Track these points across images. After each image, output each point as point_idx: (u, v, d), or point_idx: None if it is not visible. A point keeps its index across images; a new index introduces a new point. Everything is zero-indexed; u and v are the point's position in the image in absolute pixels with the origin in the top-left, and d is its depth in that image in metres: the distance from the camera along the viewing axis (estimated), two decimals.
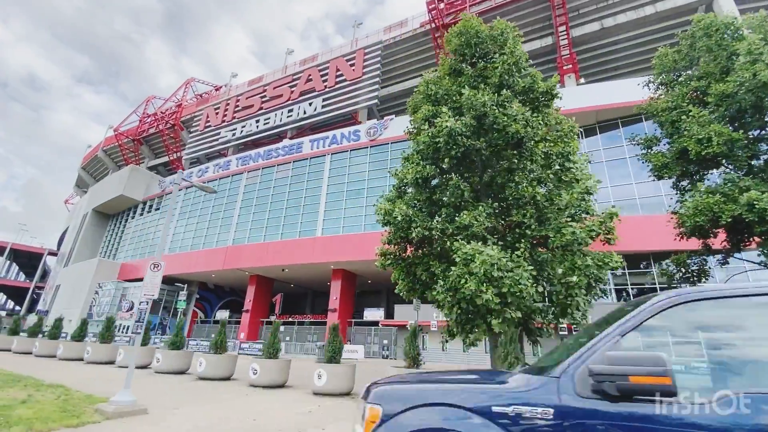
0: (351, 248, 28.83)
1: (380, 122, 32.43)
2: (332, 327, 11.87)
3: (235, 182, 38.70)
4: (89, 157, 68.97)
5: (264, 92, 44.36)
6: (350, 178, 32.08)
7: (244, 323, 35.11)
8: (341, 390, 10.40)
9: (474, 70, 12.06)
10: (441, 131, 10.18)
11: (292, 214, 33.49)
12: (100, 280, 41.97)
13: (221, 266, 34.27)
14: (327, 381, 10.25)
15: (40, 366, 14.24)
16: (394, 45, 38.57)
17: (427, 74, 12.96)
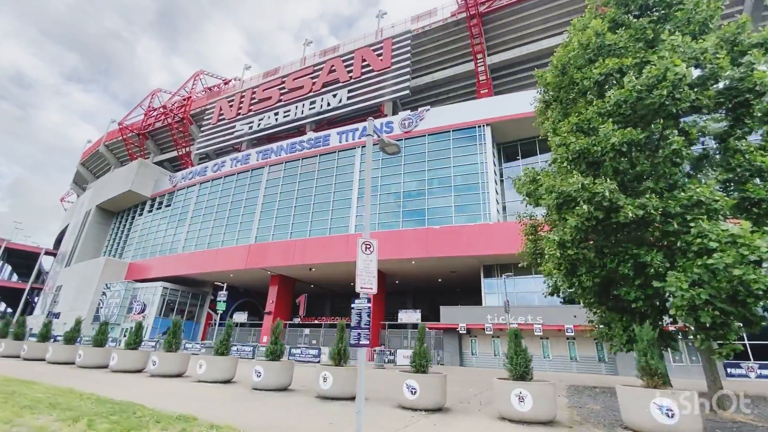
0: (390, 246, 27.03)
1: (415, 113, 30.76)
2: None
3: (256, 177, 36.67)
4: (89, 153, 66.24)
5: (282, 84, 42.43)
6: (383, 171, 30.33)
7: (266, 327, 33.06)
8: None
9: (641, 22, 9.90)
10: (666, 78, 7.78)
11: (321, 210, 31.61)
12: (107, 280, 39.56)
13: (243, 265, 32.21)
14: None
15: (92, 378, 12.14)
16: (422, 35, 36.98)
17: (576, 26, 11.10)
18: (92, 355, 16.18)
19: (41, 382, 10.01)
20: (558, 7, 33.09)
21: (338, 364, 10.39)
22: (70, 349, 17.43)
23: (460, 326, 22.98)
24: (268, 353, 11.56)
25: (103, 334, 16.88)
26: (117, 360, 15.19)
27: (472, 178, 27.52)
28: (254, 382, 10.83)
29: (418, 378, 8.58)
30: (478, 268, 28.23)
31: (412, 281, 35.11)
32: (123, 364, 15.07)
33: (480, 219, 26.07)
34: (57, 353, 17.14)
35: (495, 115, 28.18)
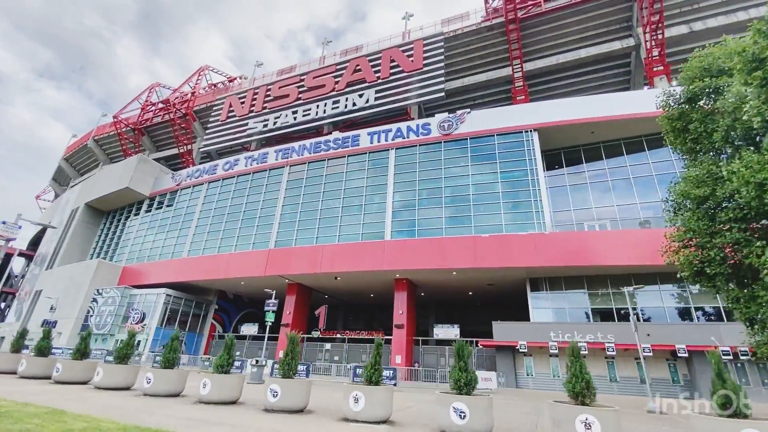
0: (431, 255, 24.99)
1: (455, 116, 29.18)
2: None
3: (275, 177, 34.06)
4: (75, 148, 61.73)
5: (301, 82, 40.30)
6: (422, 175, 28.43)
7: (283, 340, 30.07)
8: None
9: None
10: None
11: (351, 215, 29.30)
12: (98, 285, 35.63)
13: (262, 272, 29.36)
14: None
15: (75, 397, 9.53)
16: (453, 38, 35.85)
17: None
18: (72, 370, 13.79)
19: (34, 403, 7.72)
20: (595, 18, 32.65)
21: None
22: (45, 363, 14.59)
23: (519, 344, 20.98)
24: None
25: (86, 346, 14.35)
26: (102, 375, 12.85)
27: (521, 184, 25.98)
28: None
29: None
30: (521, 280, 26.48)
31: (439, 294, 33.02)
32: (109, 380, 12.77)
33: (531, 228, 24.42)
34: (31, 367, 14.26)
35: (543, 121, 26.91)
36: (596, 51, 32.60)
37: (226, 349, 11.02)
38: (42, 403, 8.36)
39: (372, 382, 9.39)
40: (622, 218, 25.37)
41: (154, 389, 11.72)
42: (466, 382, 8.27)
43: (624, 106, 26.13)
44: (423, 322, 35.78)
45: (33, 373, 13.71)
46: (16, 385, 11.72)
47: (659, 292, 22.70)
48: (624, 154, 27.14)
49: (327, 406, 11.46)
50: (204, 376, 11.37)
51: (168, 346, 13.14)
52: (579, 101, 27.39)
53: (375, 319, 41.76)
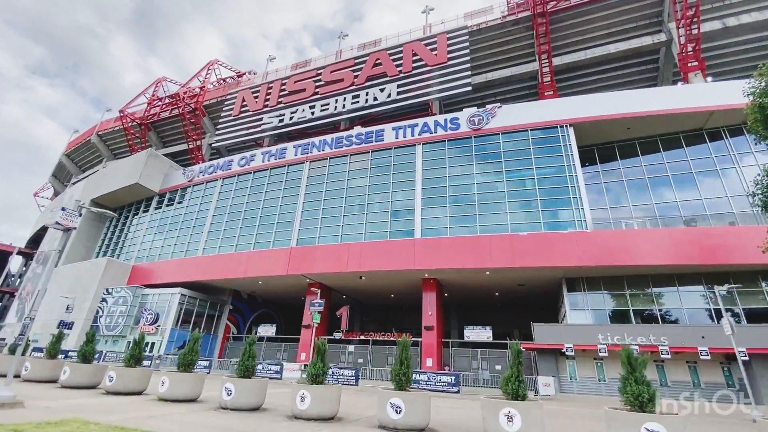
0: (465, 254, 24.02)
1: (485, 110, 28.25)
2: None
3: (294, 173, 32.91)
4: (77, 143, 60.05)
5: (318, 76, 39.19)
6: (451, 171, 27.46)
7: (305, 342, 28.92)
8: None
9: None
10: None
11: (378, 211, 28.25)
12: (107, 284, 34.23)
13: (284, 271, 28.20)
14: None
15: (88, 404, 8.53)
16: (477, 32, 34.95)
17: None
18: (79, 373, 12.92)
19: None
20: (625, 12, 31.93)
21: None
22: (91, 370, 13.58)
23: (566, 347, 20.04)
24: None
25: (139, 351, 13.36)
26: (115, 380, 12.07)
27: (556, 181, 25.09)
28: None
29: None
30: (555, 281, 25.64)
31: (463, 295, 32.01)
32: (120, 384, 12.01)
33: (569, 226, 23.51)
34: (76, 375, 13.13)
35: (578, 116, 26.06)
36: (626, 46, 31.86)
37: (318, 355, 10.06)
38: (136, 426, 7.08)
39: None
40: (661, 216, 24.56)
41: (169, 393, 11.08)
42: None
43: (661, 101, 25.38)
44: (444, 323, 34.78)
45: (78, 382, 12.42)
46: (71, 397, 10.40)
47: (705, 294, 21.91)
48: (661, 150, 26.36)
49: (357, 412, 10.89)
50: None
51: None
52: (615, 96, 26.57)
53: (389, 320, 40.75)
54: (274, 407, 11.09)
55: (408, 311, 38.38)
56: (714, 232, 21.45)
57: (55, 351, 15.48)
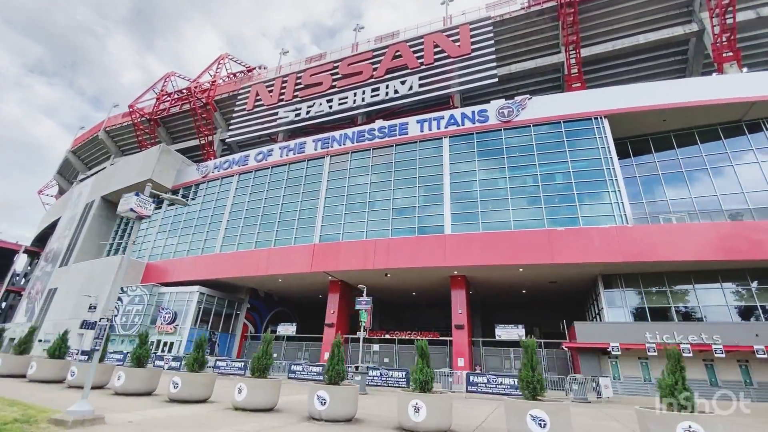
0: (500, 251, 23.19)
1: (515, 102, 27.38)
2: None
3: (314, 168, 32.02)
4: (83, 140, 59.09)
5: (335, 69, 38.27)
6: (481, 164, 26.61)
7: (328, 341, 28.11)
8: None
9: None
10: None
11: (404, 207, 27.39)
12: (122, 283, 33.30)
13: (307, 268, 27.37)
14: None
15: None
16: (500, 23, 34.06)
17: None
18: (135, 379, 12.15)
19: None
20: (655, 2, 31.03)
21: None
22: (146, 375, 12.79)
23: (612, 346, 19.23)
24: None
25: (145, 350, 12.81)
26: (181, 386, 11.28)
27: (593, 174, 24.26)
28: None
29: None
30: (589, 278, 24.85)
31: (489, 293, 31.19)
32: (186, 392, 11.26)
33: (608, 221, 22.69)
34: (132, 381, 12.30)
35: (613, 107, 25.21)
36: (656, 37, 31.00)
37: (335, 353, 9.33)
38: None
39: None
40: (701, 210, 23.75)
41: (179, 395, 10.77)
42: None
43: (699, 92, 24.55)
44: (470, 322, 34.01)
45: (135, 389, 11.58)
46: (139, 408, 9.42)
47: (752, 290, 21.14)
48: (698, 143, 25.55)
49: (380, 413, 10.47)
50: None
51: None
52: (650, 87, 25.72)
53: (405, 318, 39.99)
54: (292, 408, 10.43)
55: (426, 310, 37.61)
56: (762, 227, 20.63)
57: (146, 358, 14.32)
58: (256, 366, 10.65)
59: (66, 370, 14.20)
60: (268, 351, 10.64)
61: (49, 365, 12.83)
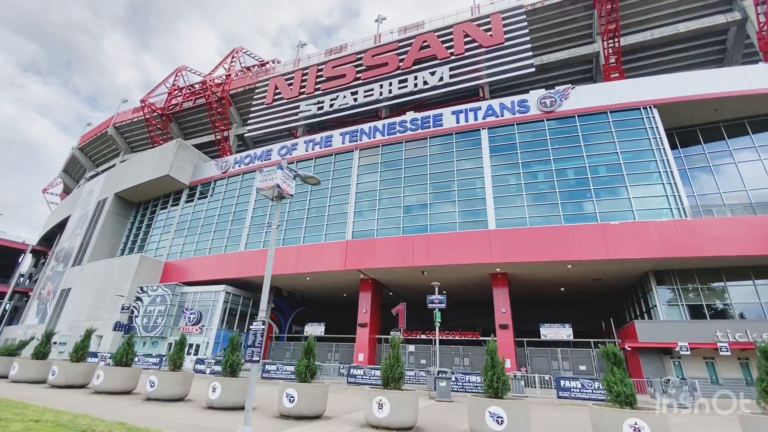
0: (549, 246, 22.10)
1: (558, 92, 26.29)
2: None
3: (342, 162, 30.84)
4: (91, 136, 57.63)
5: (358, 60, 37.06)
6: (524, 157, 25.49)
7: (361, 341, 27.02)
8: None
9: None
10: None
11: (442, 201, 26.26)
12: (141, 282, 32.09)
13: (341, 266, 26.22)
14: None
15: None
16: (531, 13, 32.95)
17: None
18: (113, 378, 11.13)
19: None
20: None
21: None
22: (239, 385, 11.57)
23: (680, 345, 18.18)
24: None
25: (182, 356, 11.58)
26: (220, 392, 10.32)
27: (644, 166, 23.20)
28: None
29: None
30: (635, 274, 23.82)
31: (525, 290, 30.13)
32: (162, 390, 10.80)
33: (662, 214, 21.65)
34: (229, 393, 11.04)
35: (663, 96, 24.15)
36: (697, 25, 29.97)
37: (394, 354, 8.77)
38: None
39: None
40: (758, 203, 22.72)
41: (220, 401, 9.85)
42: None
43: (753, 80, 23.51)
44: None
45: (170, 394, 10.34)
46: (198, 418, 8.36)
47: None
48: (750, 133, 24.53)
49: (447, 422, 9.57)
50: None
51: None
52: (702, 75, 24.67)
53: (427, 318, 38.82)
54: (428, 426, 9.25)
55: (454, 308, 36.39)
56: None
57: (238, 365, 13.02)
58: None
59: (90, 375, 12.76)
60: (398, 356, 9.40)
61: (72, 369, 11.63)
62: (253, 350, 5.52)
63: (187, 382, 11.45)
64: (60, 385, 10.98)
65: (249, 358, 5.53)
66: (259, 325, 6.16)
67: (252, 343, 6.06)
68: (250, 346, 5.62)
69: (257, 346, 6.06)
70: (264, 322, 5.93)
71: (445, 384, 12.71)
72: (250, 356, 5.61)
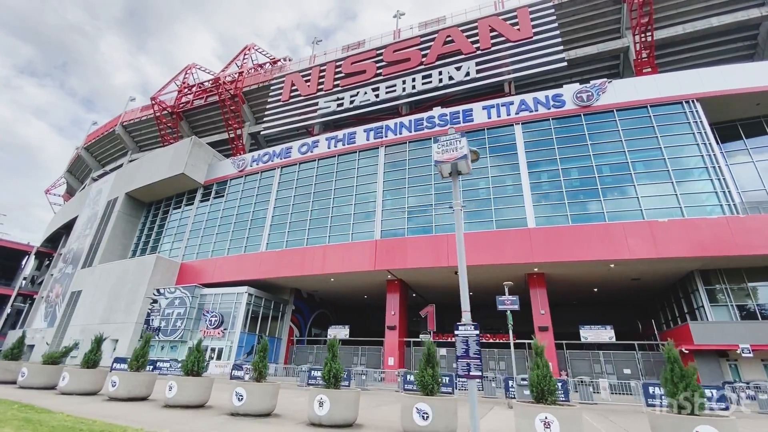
0: (592, 244, 21.25)
1: (594, 86, 25.49)
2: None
3: (367, 159, 29.89)
4: (97, 135, 56.39)
5: (378, 56, 36.20)
6: (561, 152, 24.65)
7: (391, 345, 26.04)
8: None
9: None
10: None
11: (476, 199, 25.34)
12: (156, 284, 30.95)
13: (371, 266, 25.26)
14: None
15: None
16: (558, 7, 32.20)
17: None
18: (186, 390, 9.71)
19: None
20: None
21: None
22: None
23: (741, 347, 17.32)
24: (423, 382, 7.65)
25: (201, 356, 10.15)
26: (176, 390, 9.58)
27: (689, 161, 22.42)
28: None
29: None
30: (676, 273, 22.97)
31: (557, 290, 29.24)
32: (181, 396, 9.56)
33: (712, 211, 20.84)
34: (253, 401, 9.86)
35: (705, 90, 23.40)
36: (730, 19, 29.30)
37: None
38: None
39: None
40: None
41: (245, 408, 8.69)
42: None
43: None
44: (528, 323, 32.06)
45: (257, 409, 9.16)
46: None
47: None
48: None
49: None
50: None
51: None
52: (745, 68, 23.96)
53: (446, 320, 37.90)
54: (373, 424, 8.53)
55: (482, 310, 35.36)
56: None
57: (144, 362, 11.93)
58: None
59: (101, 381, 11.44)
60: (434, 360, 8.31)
61: (134, 379, 10.52)
62: (469, 362, 4.37)
63: (275, 395, 9.69)
64: (122, 397, 9.78)
65: (464, 371, 4.26)
66: (470, 330, 5.12)
67: (465, 352, 5.02)
68: (463, 357, 4.53)
69: (474, 357, 5.01)
70: (472, 325, 4.75)
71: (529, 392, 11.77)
72: (466, 369, 4.35)
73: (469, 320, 5.59)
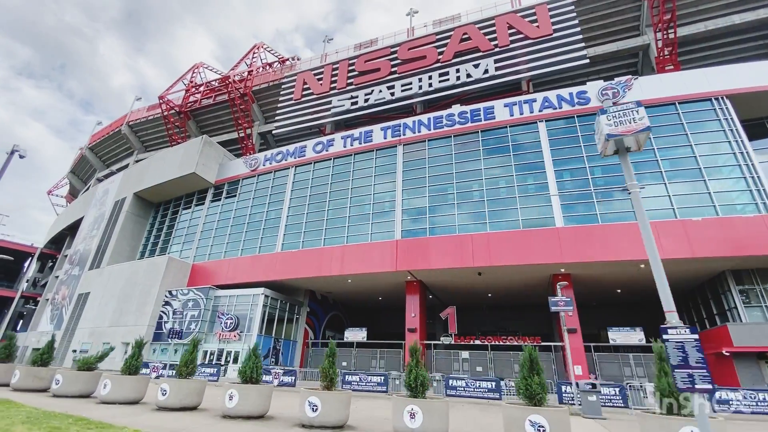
0: (622, 244, 20.69)
1: (620, 83, 25.02)
2: None
3: (384, 158, 29.31)
4: (102, 135, 55.71)
5: (392, 54, 35.68)
6: (588, 150, 24.13)
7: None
8: None
9: None
10: None
11: (499, 198, 24.79)
12: (168, 286, 30.25)
13: (391, 267, 24.64)
14: None
15: None
16: (577, 3, 31.78)
17: None
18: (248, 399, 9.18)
19: None
20: None
21: None
22: None
23: None
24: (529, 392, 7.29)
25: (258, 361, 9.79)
26: (237, 400, 9.14)
27: (720, 159, 21.94)
28: None
29: None
30: (704, 274, 22.45)
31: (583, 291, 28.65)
32: (243, 407, 9.08)
33: (746, 209, 20.33)
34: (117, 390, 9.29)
35: (736, 87, 22.96)
36: (753, 16, 28.93)
37: None
38: None
39: None
40: None
41: None
42: None
43: None
44: (548, 325, 31.53)
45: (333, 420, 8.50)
46: None
47: None
48: None
49: None
50: None
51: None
52: None
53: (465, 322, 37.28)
54: None
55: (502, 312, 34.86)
56: None
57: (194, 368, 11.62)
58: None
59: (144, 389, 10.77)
60: (538, 367, 7.86)
61: (185, 387, 9.96)
62: (692, 373, 3.59)
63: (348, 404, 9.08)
64: (173, 407, 9.15)
65: (686, 384, 3.50)
66: (684, 333, 4.50)
67: (683, 360, 4.35)
68: (681, 367, 3.81)
69: (697, 366, 4.31)
70: (687, 327, 4.02)
71: (595, 398, 11.12)
72: (689, 382, 3.71)
73: (677, 321, 4.99)
